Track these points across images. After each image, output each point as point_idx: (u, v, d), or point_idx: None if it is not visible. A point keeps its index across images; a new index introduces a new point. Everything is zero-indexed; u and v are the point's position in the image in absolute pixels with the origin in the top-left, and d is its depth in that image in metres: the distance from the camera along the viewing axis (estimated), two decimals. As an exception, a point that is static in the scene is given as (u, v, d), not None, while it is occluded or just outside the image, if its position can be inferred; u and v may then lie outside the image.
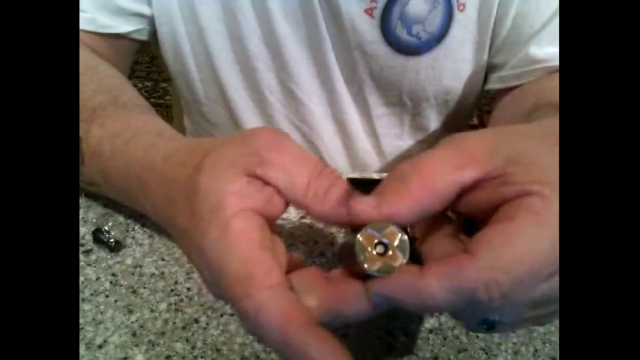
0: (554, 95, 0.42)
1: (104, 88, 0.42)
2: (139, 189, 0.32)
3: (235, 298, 0.23)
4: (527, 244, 0.21)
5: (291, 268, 0.25)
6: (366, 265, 0.22)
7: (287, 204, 0.26)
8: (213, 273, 0.24)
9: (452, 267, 0.21)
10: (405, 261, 0.22)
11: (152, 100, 2.02)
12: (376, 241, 0.22)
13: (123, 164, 0.34)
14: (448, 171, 0.23)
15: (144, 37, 0.52)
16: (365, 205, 0.23)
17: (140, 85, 2.04)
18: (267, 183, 0.25)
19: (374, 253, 0.22)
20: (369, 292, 0.23)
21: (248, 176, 0.25)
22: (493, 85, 0.54)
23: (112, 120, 0.37)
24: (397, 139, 0.59)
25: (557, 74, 0.48)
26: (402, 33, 0.49)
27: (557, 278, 0.22)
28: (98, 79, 0.43)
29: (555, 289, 0.22)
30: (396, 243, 0.22)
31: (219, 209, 0.24)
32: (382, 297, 0.22)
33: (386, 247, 0.22)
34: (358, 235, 0.22)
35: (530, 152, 0.23)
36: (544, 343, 0.34)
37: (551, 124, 0.27)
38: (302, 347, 0.21)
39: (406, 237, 0.22)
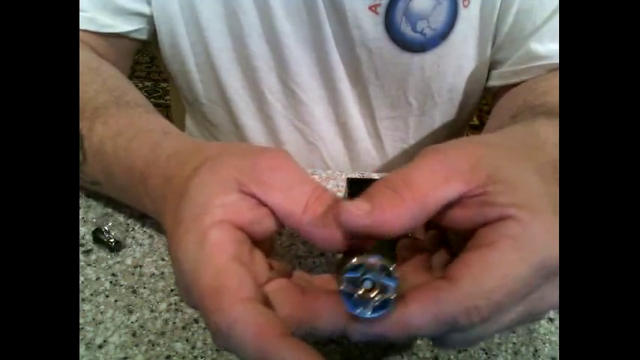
0: (543, 97, 0.42)
1: (107, 88, 0.42)
2: (140, 185, 0.32)
3: (207, 311, 0.22)
4: (506, 270, 0.21)
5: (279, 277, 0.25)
6: (359, 311, 0.21)
7: (280, 226, 0.26)
8: (186, 282, 0.23)
9: (432, 296, 0.21)
10: (396, 285, 0.21)
11: (152, 100, 2.02)
12: (361, 279, 0.21)
13: (126, 162, 0.34)
14: (437, 184, 0.23)
15: (144, 36, 0.52)
16: (357, 210, 0.22)
17: (140, 85, 2.04)
18: (262, 203, 0.25)
19: (361, 293, 0.21)
20: (350, 333, 0.22)
21: (241, 192, 0.24)
22: (494, 81, 0.54)
23: (115, 118, 0.37)
24: (401, 141, 0.59)
25: (555, 73, 0.47)
26: (406, 29, 0.48)
27: (536, 295, 0.23)
28: (101, 80, 0.43)
29: (532, 306, 0.23)
30: (381, 271, 0.21)
31: (200, 217, 0.23)
32: (365, 336, 0.22)
33: (372, 281, 0.21)
34: (340, 287, 0.21)
35: (508, 169, 0.23)
36: (544, 343, 0.34)
37: (524, 133, 0.28)
38: (280, 359, 0.20)
39: (387, 262, 0.21)
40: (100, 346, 0.33)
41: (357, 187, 0.45)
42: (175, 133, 0.35)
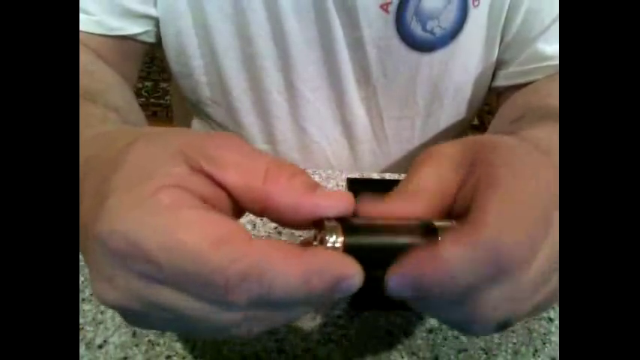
0: (547, 100, 0.42)
1: (86, 89, 0.39)
2: None
3: (217, 270, 0.18)
4: (520, 203, 0.21)
5: None
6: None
7: (238, 212, 0.23)
8: (169, 260, 0.19)
9: (466, 233, 0.20)
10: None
11: (152, 100, 2.02)
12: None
13: None
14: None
15: (151, 39, 0.52)
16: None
17: (140, 85, 2.04)
18: (216, 183, 0.21)
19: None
20: (387, 281, 0.21)
21: (190, 166, 0.21)
22: (500, 82, 0.54)
23: None
24: (406, 142, 0.59)
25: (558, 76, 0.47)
26: (417, 29, 0.48)
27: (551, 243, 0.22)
28: (87, 82, 0.40)
29: (554, 253, 0.22)
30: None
31: (141, 184, 0.20)
32: (403, 282, 0.20)
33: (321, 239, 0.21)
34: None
35: (498, 139, 0.24)
36: (544, 343, 0.34)
37: (530, 138, 0.28)
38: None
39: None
40: (100, 346, 0.33)
41: (357, 186, 0.45)
42: (117, 122, 0.30)
